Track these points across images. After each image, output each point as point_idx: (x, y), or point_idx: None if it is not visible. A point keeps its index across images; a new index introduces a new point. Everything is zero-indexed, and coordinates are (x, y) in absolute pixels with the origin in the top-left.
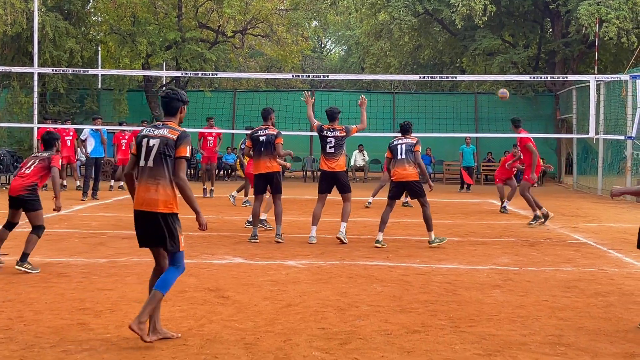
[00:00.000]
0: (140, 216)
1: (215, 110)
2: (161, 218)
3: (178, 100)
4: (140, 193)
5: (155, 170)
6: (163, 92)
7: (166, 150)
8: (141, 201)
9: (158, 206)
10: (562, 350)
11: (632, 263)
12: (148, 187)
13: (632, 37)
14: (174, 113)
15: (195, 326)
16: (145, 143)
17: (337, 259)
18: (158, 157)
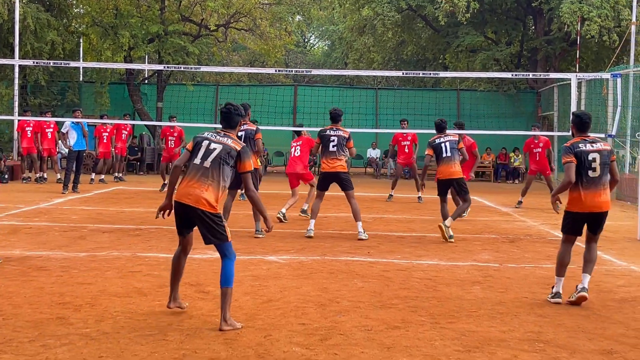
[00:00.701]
0: (183, 209)
1: (197, 104)
2: (205, 216)
3: (238, 115)
4: (187, 188)
5: (211, 171)
6: (224, 107)
7: (227, 158)
8: (187, 195)
9: (204, 204)
10: (541, 346)
11: (610, 260)
12: (199, 184)
13: (614, 36)
14: (234, 126)
15: (175, 321)
16: (206, 145)
17: (318, 254)
18: (217, 160)
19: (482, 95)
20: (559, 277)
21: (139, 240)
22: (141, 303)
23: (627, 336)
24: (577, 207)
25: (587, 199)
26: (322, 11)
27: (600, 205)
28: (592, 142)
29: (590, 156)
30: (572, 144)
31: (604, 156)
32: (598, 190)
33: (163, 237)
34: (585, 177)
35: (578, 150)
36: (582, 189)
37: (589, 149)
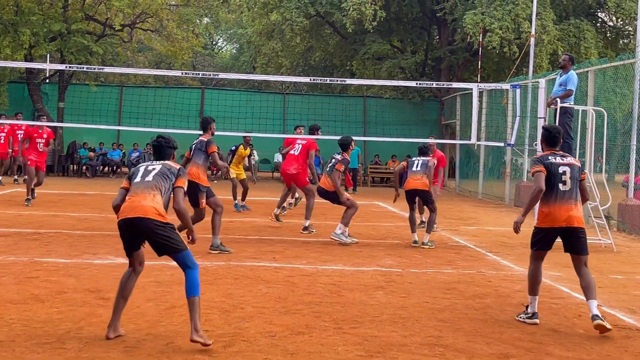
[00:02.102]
0: (129, 224)
1: (100, 105)
2: (156, 226)
3: (170, 148)
4: (130, 203)
5: (154, 184)
6: (155, 140)
7: (168, 173)
8: (131, 209)
9: (153, 213)
10: (441, 351)
11: (508, 266)
12: (144, 195)
13: (514, 47)
14: (166, 159)
15: (73, 328)
16: (144, 167)
17: (223, 259)
18: (158, 175)
19: (388, 102)
20: (534, 296)
21: (37, 245)
22: (38, 310)
23: (522, 340)
24: (549, 222)
25: (559, 213)
26: (230, 14)
27: (573, 220)
28: (563, 156)
29: (560, 169)
30: (542, 156)
31: (574, 171)
32: (570, 204)
33: (62, 242)
34: (557, 190)
35: (548, 162)
36: (554, 203)
37: (559, 161)
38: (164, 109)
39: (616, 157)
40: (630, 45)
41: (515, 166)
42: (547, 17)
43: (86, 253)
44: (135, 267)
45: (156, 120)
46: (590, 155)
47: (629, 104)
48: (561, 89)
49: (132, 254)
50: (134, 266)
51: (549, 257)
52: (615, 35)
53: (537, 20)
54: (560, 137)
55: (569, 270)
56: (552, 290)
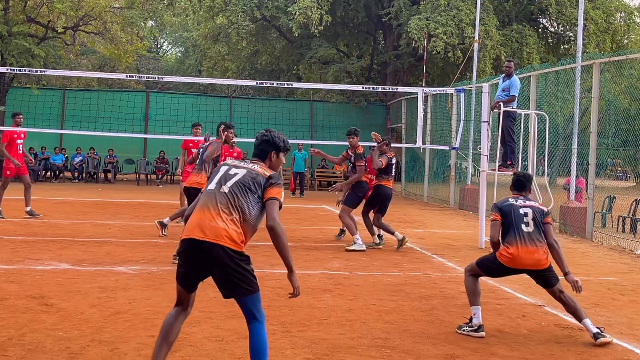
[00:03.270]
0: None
1: (43, 108)
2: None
3: (270, 144)
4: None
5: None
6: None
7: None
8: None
9: (226, 241)
10: (388, 352)
11: (454, 267)
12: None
13: (458, 52)
14: (262, 159)
15: (16, 335)
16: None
17: (169, 264)
18: (237, 185)
19: (335, 106)
20: (477, 307)
21: None
22: None
23: (468, 340)
24: (513, 264)
25: (521, 255)
26: (175, 17)
27: (536, 263)
28: (525, 200)
29: (521, 210)
30: (502, 200)
31: (536, 212)
32: (534, 247)
33: (3, 248)
34: (520, 231)
35: (506, 205)
36: (518, 245)
37: (519, 204)
38: (108, 112)
39: (558, 160)
40: (571, 51)
41: (459, 169)
42: (490, 23)
43: (28, 259)
44: (186, 305)
45: (100, 124)
46: (533, 158)
47: (570, 108)
48: (504, 94)
49: (188, 287)
50: (185, 304)
51: None
52: (556, 41)
53: (481, 25)
54: (527, 183)
55: None
56: (497, 292)
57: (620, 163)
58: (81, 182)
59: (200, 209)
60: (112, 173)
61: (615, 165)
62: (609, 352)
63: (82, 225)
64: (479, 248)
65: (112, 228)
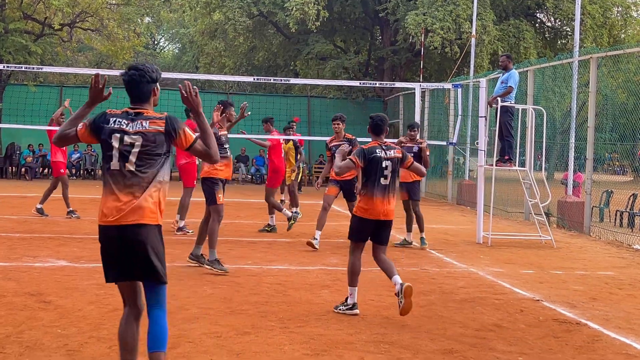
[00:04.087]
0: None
1: (40, 105)
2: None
3: (148, 82)
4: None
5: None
6: (123, 74)
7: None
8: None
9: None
10: (386, 347)
11: (452, 263)
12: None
13: (455, 48)
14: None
15: (14, 333)
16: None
17: (168, 261)
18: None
19: (332, 102)
20: (353, 287)
21: None
22: None
23: (466, 336)
24: (368, 213)
25: (377, 206)
26: (172, 14)
27: (388, 213)
28: (387, 150)
29: (384, 163)
30: (369, 149)
31: (394, 163)
32: (387, 198)
33: (1, 245)
34: (378, 184)
35: (375, 156)
36: (374, 196)
37: (383, 156)
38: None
39: (555, 155)
40: (569, 45)
41: (457, 165)
42: (488, 18)
43: (26, 256)
44: (132, 305)
45: None
46: (530, 153)
47: (568, 103)
48: (502, 87)
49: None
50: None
51: (490, 253)
52: (553, 36)
53: (478, 20)
54: (384, 125)
55: (511, 266)
56: (495, 287)
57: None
58: (78, 178)
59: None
60: None
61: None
62: (606, 346)
63: (80, 222)
64: (477, 243)
65: None
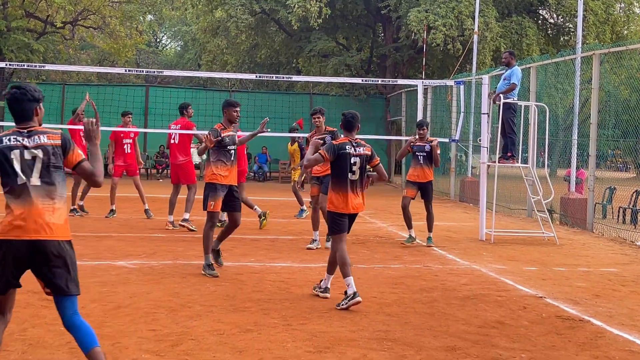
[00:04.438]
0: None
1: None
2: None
3: (30, 101)
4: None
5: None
6: (7, 94)
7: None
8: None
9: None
10: (389, 345)
11: (454, 260)
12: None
13: (457, 44)
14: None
15: (17, 330)
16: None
17: (170, 258)
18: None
19: (334, 99)
20: (349, 277)
21: None
22: None
23: (469, 332)
24: (342, 207)
25: (349, 200)
26: (174, 11)
27: (357, 207)
28: (357, 146)
29: (352, 159)
30: (340, 144)
31: (363, 160)
32: (356, 192)
33: None
34: (348, 179)
35: (343, 152)
36: (345, 191)
37: (352, 152)
38: (108, 107)
39: (558, 151)
40: (571, 42)
41: (459, 162)
42: (490, 15)
43: None
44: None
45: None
46: (533, 150)
47: (570, 99)
48: (505, 83)
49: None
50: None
51: (492, 250)
52: (556, 32)
53: (480, 17)
54: (355, 122)
55: (513, 263)
56: (497, 283)
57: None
58: None
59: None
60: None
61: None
62: (609, 343)
63: (83, 220)
64: (480, 240)
65: (113, 223)
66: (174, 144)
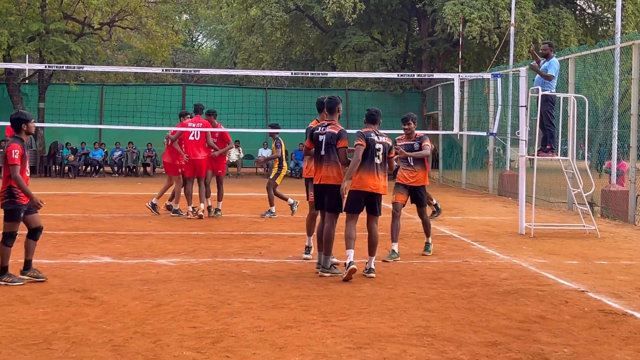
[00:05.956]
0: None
1: (81, 104)
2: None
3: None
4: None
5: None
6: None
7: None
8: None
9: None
10: (429, 340)
11: (494, 254)
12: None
13: (494, 37)
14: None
15: (60, 329)
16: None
17: (209, 256)
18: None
19: (370, 94)
20: (350, 250)
21: (20, 246)
22: (24, 311)
23: (510, 327)
24: (359, 185)
25: (368, 180)
26: (209, 10)
27: (377, 187)
28: (379, 136)
29: (376, 145)
30: (365, 132)
31: (385, 149)
32: (378, 175)
33: (46, 243)
34: (370, 162)
35: (370, 138)
36: (367, 172)
37: (376, 139)
38: (145, 106)
39: (598, 143)
40: (610, 32)
41: (498, 155)
42: (527, 6)
43: (71, 253)
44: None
45: (137, 118)
46: (573, 142)
47: (610, 90)
48: None
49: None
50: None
51: (533, 245)
52: (594, 22)
53: (517, 9)
54: (378, 117)
55: (554, 257)
56: (538, 278)
57: None
58: (121, 176)
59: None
60: (151, 166)
61: None
62: None
63: (123, 219)
64: (519, 234)
65: (152, 221)
66: (194, 141)
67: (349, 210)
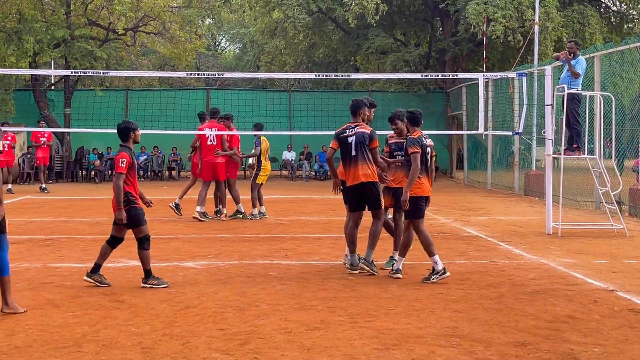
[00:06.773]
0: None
1: (107, 109)
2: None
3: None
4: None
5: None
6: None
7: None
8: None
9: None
10: (457, 341)
11: (521, 254)
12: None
13: (518, 36)
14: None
15: (90, 332)
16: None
17: (236, 258)
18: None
19: (394, 96)
20: (435, 255)
21: (49, 251)
22: (54, 315)
23: (539, 328)
24: (425, 191)
25: (428, 185)
26: (232, 14)
27: (431, 190)
28: (426, 137)
29: (427, 149)
30: (419, 137)
31: (431, 150)
32: (429, 178)
33: (75, 247)
34: (425, 167)
35: (423, 144)
36: (425, 176)
37: (426, 143)
38: (170, 110)
39: (625, 142)
40: (635, 29)
41: (523, 155)
42: (551, 4)
43: None
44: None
45: (162, 122)
46: (600, 141)
47: (636, 88)
48: (569, 74)
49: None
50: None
51: (560, 244)
52: (619, 20)
53: (541, 7)
54: (421, 118)
55: (582, 256)
56: (567, 277)
57: None
58: (146, 180)
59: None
60: (177, 170)
61: None
62: None
63: (149, 222)
64: (547, 234)
65: (179, 224)
66: (212, 145)
67: (421, 217)
